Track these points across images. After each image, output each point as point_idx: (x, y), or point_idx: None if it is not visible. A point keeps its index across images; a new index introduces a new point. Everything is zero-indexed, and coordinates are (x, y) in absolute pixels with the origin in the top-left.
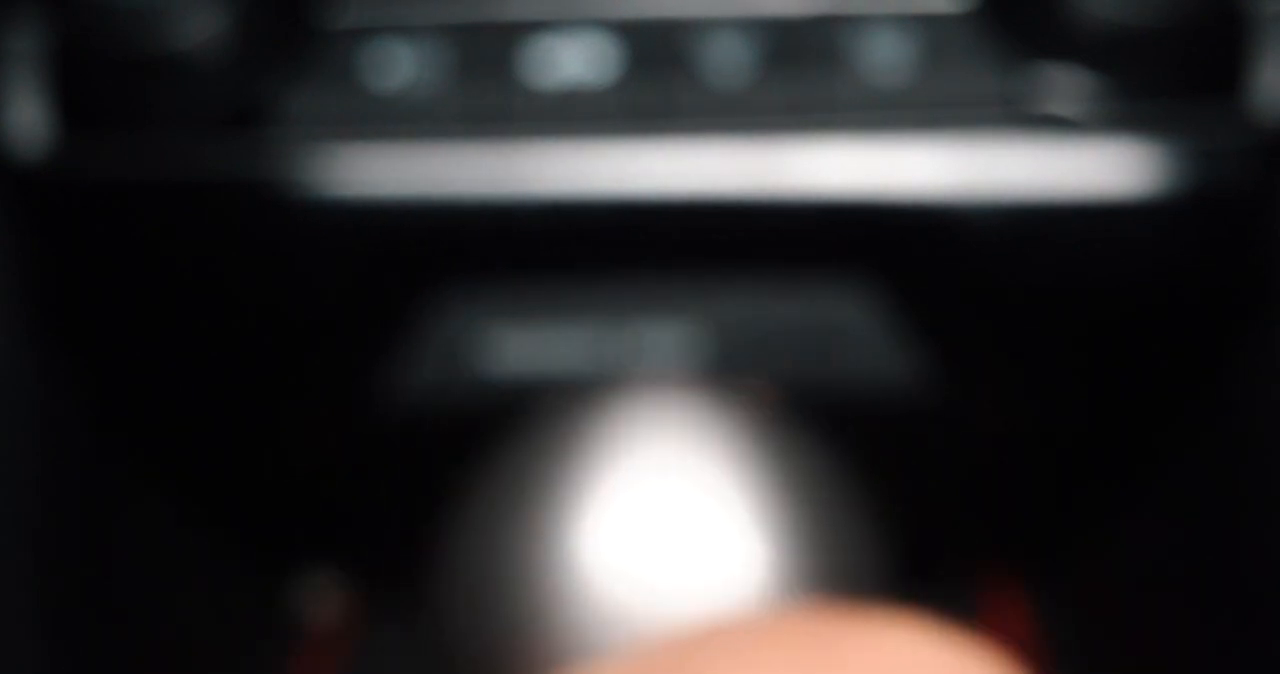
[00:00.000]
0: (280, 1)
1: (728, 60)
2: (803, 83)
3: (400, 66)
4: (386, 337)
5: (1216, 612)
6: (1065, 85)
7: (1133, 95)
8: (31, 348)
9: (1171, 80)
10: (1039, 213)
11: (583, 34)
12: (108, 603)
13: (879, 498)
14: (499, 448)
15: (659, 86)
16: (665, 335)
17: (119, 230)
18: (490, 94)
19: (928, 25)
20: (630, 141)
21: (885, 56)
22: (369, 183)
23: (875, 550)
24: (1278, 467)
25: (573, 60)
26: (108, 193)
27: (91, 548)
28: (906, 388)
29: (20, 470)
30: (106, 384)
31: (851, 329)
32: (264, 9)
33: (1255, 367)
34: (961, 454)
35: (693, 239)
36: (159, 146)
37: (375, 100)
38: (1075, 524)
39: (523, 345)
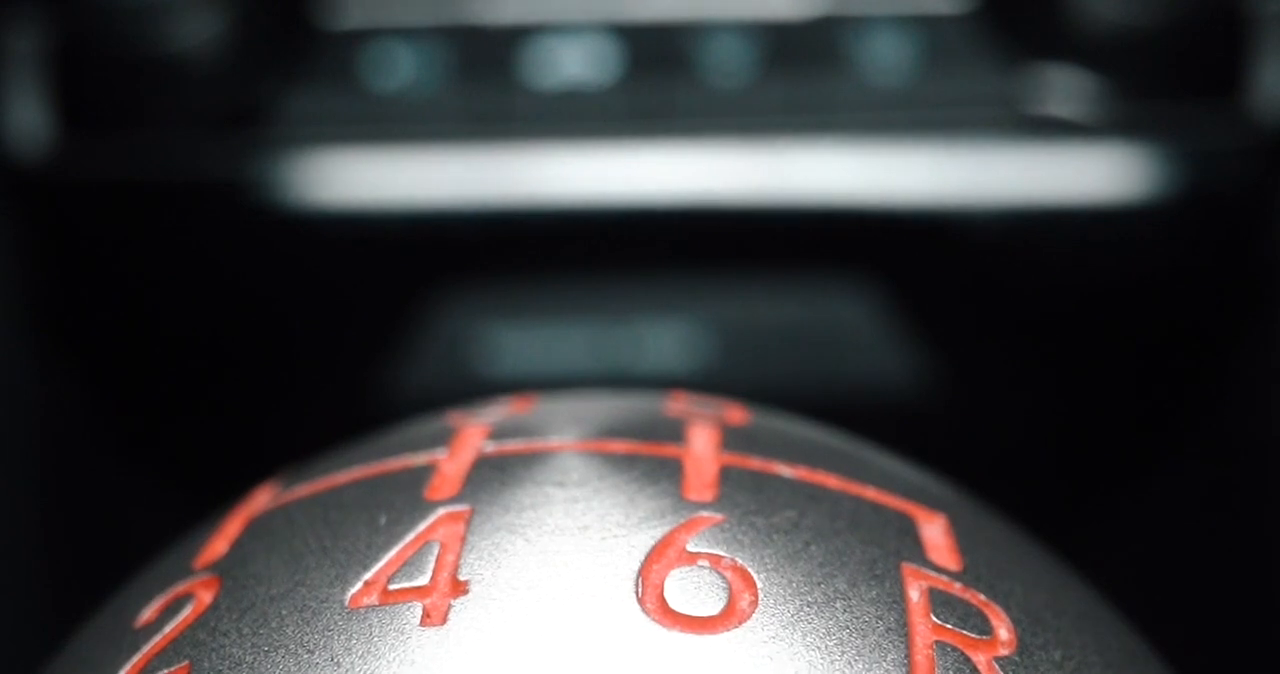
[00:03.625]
0: (280, 2)
1: (728, 62)
2: (803, 84)
3: (400, 67)
4: (387, 337)
5: (1217, 612)
6: (1065, 86)
7: (1133, 96)
8: (31, 347)
9: (1171, 81)
10: (1039, 214)
11: (583, 35)
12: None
13: None
14: None
15: (659, 88)
16: (665, 335)
17: (119, 230)
18: (490, 95)
19: (928, 26)
20: (630, 143)
21: (885, 57)
22: (369, 183)
23: None
24: (1277, 466)
25: (573, 62)
26: (108, 193)
27: (91, 546)
28: (906, 388)
29: (21, 468)
30: (106, 383)
31: (851, 329)
32: (264, 9)
33: (1255, 366)
34: (961, 455)
35: (693, 240)
36: (159, 146)
37: (375, 101)
38: (1075, 525)
39: (523, 345)
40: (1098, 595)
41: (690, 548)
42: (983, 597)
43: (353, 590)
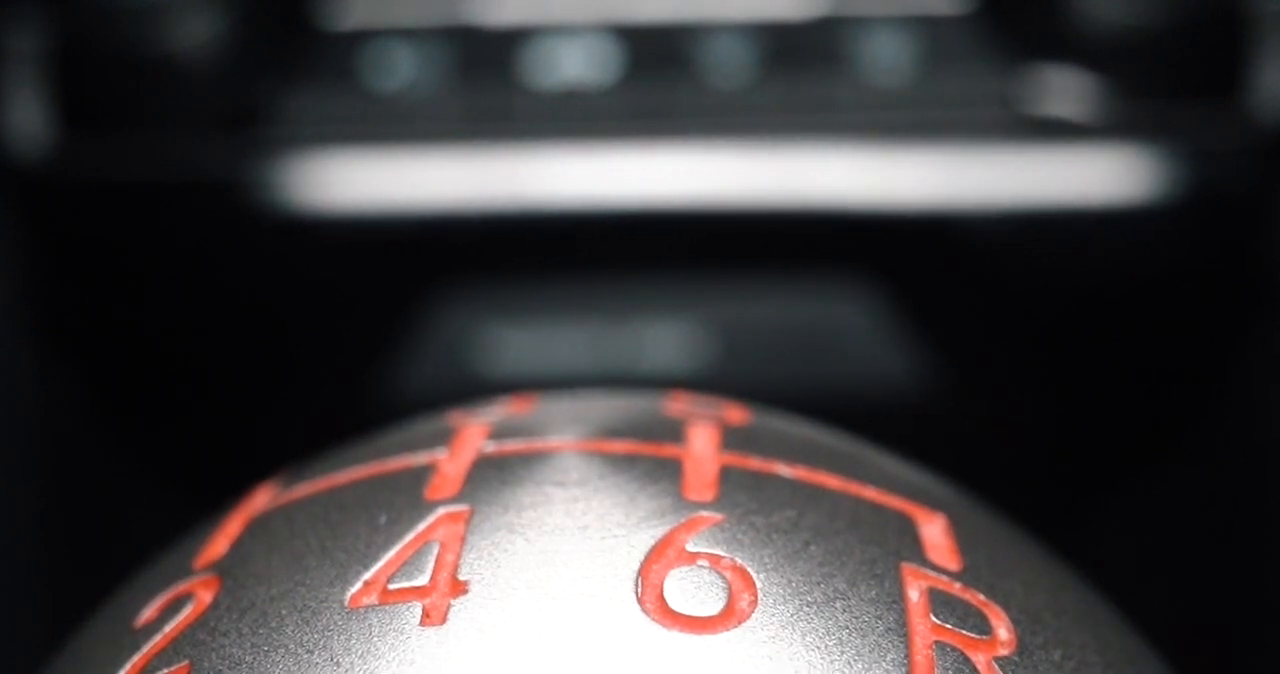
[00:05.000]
0: (280, 2)
1: (728, 62)
2: (803, 84)
3: (400, 67)
4: (387, 337)
5: (1217, 612)
6: (1065, 86)
7: (1133, 96)
8: (31, 347)
9: (1171, 81)
10: (1039, 215)
11: (583, 36)
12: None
13: None
14: None
15: (659, 88)
16: (665, 335)
17: (119, 230)
18: (490, 95)
19: (928, 26)
20: (630, 143)
21: (885, 58)
22: (369, 184)
23: None
24: (1277, 467)
25: (573, 62)
26: (108, 193)
27: (91, 546)
28: (906, 388)
29: (21, 468)
30: (106, 383)
31: (852, 330)
32: (264, 10)
33: (1256, 367)
34: (961, 455)
35: (693, 240)
36: (159, 146)
37: (375, 101)
38: (1075, 525)
39: (523, 345)
40: (1098, 595)
41: (690, 548)
42: (982, 596)
43: (352, 590)
